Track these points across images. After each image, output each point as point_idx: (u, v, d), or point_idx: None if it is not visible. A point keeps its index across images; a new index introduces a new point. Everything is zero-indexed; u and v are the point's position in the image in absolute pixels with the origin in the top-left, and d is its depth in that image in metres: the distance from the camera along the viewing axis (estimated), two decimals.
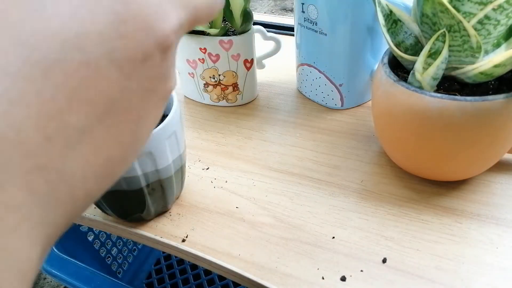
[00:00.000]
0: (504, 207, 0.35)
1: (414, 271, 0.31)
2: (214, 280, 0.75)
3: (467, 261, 0.31)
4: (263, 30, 0.49)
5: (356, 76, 0.46)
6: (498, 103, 0.29)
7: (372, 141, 0.44)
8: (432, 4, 0.29)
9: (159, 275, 0.77)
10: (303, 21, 0.45)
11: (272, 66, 0.56)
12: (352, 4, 0.41)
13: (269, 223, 0.36)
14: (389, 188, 0.38)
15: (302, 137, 0.45)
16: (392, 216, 0.35)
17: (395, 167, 0.40)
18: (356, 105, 0.49)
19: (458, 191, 0.37)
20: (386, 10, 0.35)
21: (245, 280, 0.32)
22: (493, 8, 0.28)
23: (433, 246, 0.33)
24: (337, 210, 0.36)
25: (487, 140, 0.32)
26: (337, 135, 0.45)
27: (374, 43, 0.45)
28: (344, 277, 0.31)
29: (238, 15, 0.44)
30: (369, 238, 0.34)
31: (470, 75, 0.31)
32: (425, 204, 0.36)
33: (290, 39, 0.61)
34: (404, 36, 0.35)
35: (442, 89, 0.33)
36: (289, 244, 0.34)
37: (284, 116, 0.49)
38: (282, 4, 2.31)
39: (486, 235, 0.33)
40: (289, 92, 0.53)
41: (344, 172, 0.40)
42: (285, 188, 0.39)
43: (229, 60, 0.47)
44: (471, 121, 0.30)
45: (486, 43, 0.30)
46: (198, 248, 0.34)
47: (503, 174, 0.38)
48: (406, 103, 0.32)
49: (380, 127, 0.38)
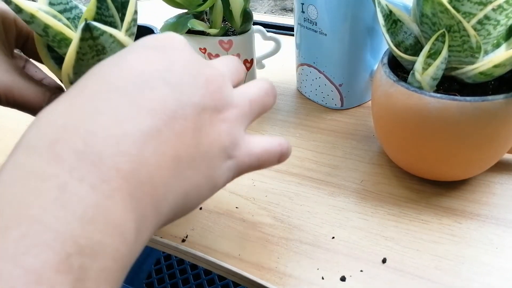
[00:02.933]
0: (504, 207, 0.35)
1: (414, 271, 0.31)
2: (214, 280, 0.75)
3: (467, 261, 0.31)
4: (263, 30, 0.49)
5: (356, 76, 0.46)
6: (498, 103, 0.29)
7: (372, 141, 0.44)
8: (432, 4, 0.29)
9: (159, 275, 0.77)
10: (303, 21, 0.45)
11: (272, 66, 0.56)
12: (352, 4, 0.41)
13: (269, 223, 0.36)
14: (389, 188, 0.38)
15: (302, 137, 0.45)
16: (392, 216, 0.35)
17: (395, 167, 0.40)
18: (356, 105, 0.49)
19: (458, 191, 0.37)
20: (386, 10, 0.35)
21: (245, 280, 0.32)
22: (493, 8, 0.28)
23: (433, 246, 0.33)
24: (337, 210, 0.36)
25: (487, 140, 0.32)
26: (337, 135, 0.45)
27: (374, 43, 0.45)
28: (344, 277, 0.31)
29: (238, 15, 0.44)
30: (369, 238, 0.34)
31: (470, 75, 0.31)
32: (425, 204, 0.36)
33: (290, 39, 0.62)
34: (404, 36, 0.35)
35: (442, 89, 0.33)
36: (289, 244, 0.34)
37: (284, 116, 0.49)
38: (282, 4, 2.31)
39: (486, 235, 0.33)
40: (289, 92, 0.53)
41: (344, 172, 0.40)
42: (285, 188, 0.39)
43: None
44: (471, 121, 0.30)
45: (486, 43, 0.30)
46: (198, 248, 0.34)
47: (503, 174, 0.38)
48: (406, 103, 0.32)
49: (380, 127, 0.38)
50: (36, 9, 0.25)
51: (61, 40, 0.27)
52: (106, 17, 0.29)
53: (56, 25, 0.26)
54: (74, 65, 0.26)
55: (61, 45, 0.27)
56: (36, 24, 0.26)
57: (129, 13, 0.27)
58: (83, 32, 0.24)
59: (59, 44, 0.27)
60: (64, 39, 0.27)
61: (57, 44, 0.27)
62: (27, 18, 0.25)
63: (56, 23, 0.26)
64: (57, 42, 0.27)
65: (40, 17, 0.25)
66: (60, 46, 0.27)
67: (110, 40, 0.25)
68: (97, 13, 0.28)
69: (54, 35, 0.26)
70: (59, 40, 0.27)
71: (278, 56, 0.53)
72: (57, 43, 0.27)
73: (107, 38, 0.25)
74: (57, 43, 0.27)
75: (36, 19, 0.25)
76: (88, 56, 0.26)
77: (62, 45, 0.27)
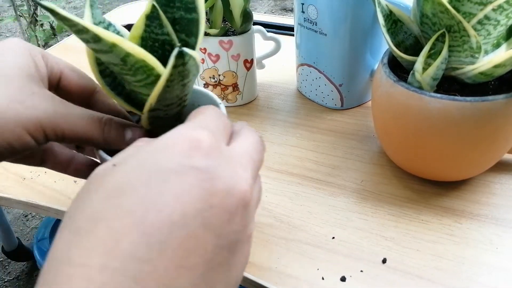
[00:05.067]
0: (504, 207, 0.35)
1: (414, 271, 0.31)
2: None
3: (467, 261, 0.31)
4: (263, 30, 0.49)
5: (356, 76, 0.46)
6: (498, 103, 0.29)
7: (372, 141, 0.44)
8: (432, 4, 0.29)
9: None
10: (303, 21, 0.45)
11: (272, 66, 0.56)
12: (352, 4, 0.41)
13: (269, 223, 0.36)
14: (389, 188, 0.38)
15: (302, 137, 0.45)
16: (392, 216, 0.35)
17: (395, 167, 0.40)
18: (356, 105, 0.49)
19: (458, 191, 0.37)
20: (386, 11, 0.35)
21: (245, 280, 0.32)
22: (493, 9, 0.28)
23: (433, 246, 0.33)
24: (337, 210, 0.36)
25: (487, 140, 0.32)
26: (337, 135, 0.45)
27: (374, 43, 0.45)
28: (344, 278, 0.31)
29: (238, 15, 0.44)
30: (369, 238, 0.34)
31: (470, 75, 0.31)
32: (425, 205, 0.36)
33: (290, 39, 0.61)
34: (404, 36, 0.35)
35: (442, 89, 0.33)
36: (289, 244, 0.34)
37: (284, 116, 0.49)
38: (282, 4, 2.31)
39: (486, 235, 0.33)
40: (289, 92, 0.53)
41: (344, 172, 0.40)
42: (285, 188, 0.39)
43: (229, 60, 0.47)
44: (471, 121, 0.30)
45: (486, 43, 0.30)
46: None
47: (503, 174, 0.38)
48: (406, 103, 0.32)
49: (380, 127, 0.38)
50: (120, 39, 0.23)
51: (139, 68, 0.24)
52: (157, 35, 0.27)
53: (139, 53, 0.23)
54: (161, 93, 0.24)
55: (138, 73, 0.25)
56: (114, 54, 0.23)
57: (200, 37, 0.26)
58: (177, 59, 0.22)
59: (135, 72, 0.25)
60: (144, 67, 0.24)
61: (133, 72, 0.25)
62: (105, 48, 0.23)
63: (139, 51, 0.23)
64: (134, 70, 0.24)
65: (124, 46, 0.23)
66: (136, 74, 0.25)
67: (192, 63, 0.24)
68: (145, 31, 0.26)
69: (134, 63, 0.24)
70: (137, 68, 0.24)
71: (278, 56, 0.53)
72: (133, 71, 0.25)
73: (192, 62, 0.24)
74: (133, 71, 0.25)
75: (117, 48, 0.23)
76: (175, 83, 0.24)
77: (139, 72, 0.25)
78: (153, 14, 0.26)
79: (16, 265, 1.01)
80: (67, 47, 0.70)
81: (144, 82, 0.25)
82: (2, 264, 1.01)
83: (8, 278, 0.98)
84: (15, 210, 1.15)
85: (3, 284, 0.96)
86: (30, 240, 1.06)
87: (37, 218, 1.13)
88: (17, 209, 1.14)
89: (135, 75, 0.25)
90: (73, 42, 0.71)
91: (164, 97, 0.25)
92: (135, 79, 0.25)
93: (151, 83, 0.25)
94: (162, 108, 0.27)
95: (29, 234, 1.09)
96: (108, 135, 0.26)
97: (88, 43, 0.23)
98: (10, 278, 0.98)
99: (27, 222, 1.13)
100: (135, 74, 0.25)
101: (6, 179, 0.42)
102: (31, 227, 1.11)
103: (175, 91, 0.25)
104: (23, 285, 0.96)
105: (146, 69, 0.24)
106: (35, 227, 1.10)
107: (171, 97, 0.26)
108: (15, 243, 0.90)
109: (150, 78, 0.25)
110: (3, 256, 1.00)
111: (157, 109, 0.26)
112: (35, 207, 0.40)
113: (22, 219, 1.13)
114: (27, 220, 1.13)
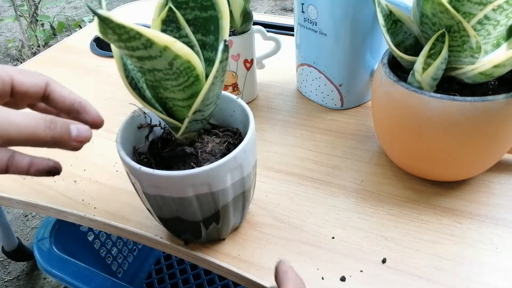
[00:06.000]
0: (504, 207, 0.35)
1: (414, 271, 0.31)
2: (214, 280, 0.75)
3: (466, 261, 0.31)
4: (263, 30, 0.49)
5: (356, 76, 0.46)
6: (498, 103, 0.29)
7: (372, 141, 0.44)
8: (432, 4, 0.29)
9: (159, 275, 0.77)
10: (303, 21, 0.45)
11: (272, 66, 0.56)
12: (352, 4, 0.41)
13: (269, 223, 0.36)
14: (389, 188, 0.38)
15: (302, 137, 0.45)
16: (392, 216, 0.35)
17: (395, 167, 0.40)
18: (356, 105, 0.49)
19: (458, 191, 0.37)
20: (386, 11, 0.35)
21: (245, 280, 0.32)
22: (493, 9, 0.28)
23: (433, 246, 0.33)
24: (337, 210, 0.36)
25: (487, 140, 0.32)
26: (337, 135, 0.45)
27: (374, 43, 0.45)
28: (344, 277, 0.31)
29: (238, 15, 0.44)
30: (369, 238, 0.34)
31: (470, 75, 0.31)
32: (424, 205, 0.36)
33: (290, 39, 0.62)
34: (404, 37, 0.35)
35: (442, 89, 0.33)
36: (289, 244, 0.34)
37: (284, 116, 0.49)
38: (282, 4, 2.31)
39: (486, 235, 0.33)
40: (289, 92, 0.53)
41: (344, 172, 0.40)
42: (285, 188, 0.39)
43: (229, 60, 0.47)
44: (471, 121, 0.30)
45: (485, 43, 0.30)
46: (198, 248, 0.34)
47: (503, 174, 0.38)
48: (406, 104, 0.32)
49: (380, 127, 0.38)
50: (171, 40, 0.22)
51: (183, 70, 0.24)
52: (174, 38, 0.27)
53: (186, 53, 0.23)
54: (207, 91, 0.24)
55: (181, 75, 0.24)
56: (164, 58, 0.23)
57: (223, 32, 0.26)
58: (223, 53, 0.22)
59: (179, 75, 0.24)
60: (187, 68, 0.24)
61: (176, 76, 0.24)
62: (154, 53, 0.22)
63: (187, 51, 0.23)
64: (178, 73, 0.24)
65: (174, 48, 0.22)
66: (179, 77, 0.25)
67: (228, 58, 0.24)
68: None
69: (179, 65, 0.24)
70: (181, 71, 0.24)
71: (278, 56, 0.53)
72: (177, 75, 0.24)
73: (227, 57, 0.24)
74: (177, 75, 0.24)
75: (167, 51, 0.22)
76: (218, 80, 0.24)
77: (182, 75, 0.24)
78: (168, 17, 0.26)
79: (16, 265, 1.01)
80: (67, 47, 0.70)
81: (184, 85, 0.25)
82: (2, 264, 1.01)
83: (8, 278, 0.98)
84: (15, 210, 1.15)
85: (3, 284, 0.96)
86: (30, 240, 1.06)
87: (37, 218, 1.13)
88: (17, 209, 1.14)
89: (178, 79, 0.25)
90: (73, 42, 0.71)
91: (207, 96, 0.25)
92: (177, 82, 0.25)
93: (189, 85, 0.25)
94: (203, 109, 0.26)
95: (29, 234, 1.09)
96: (54, 133, 0.26)
97: (134, 51, 0.22)
98: (10, 278, 0.98)
99: (27, 222, 1.12)
100: (177, 78, 0.25)
101: (6, 179, 0.42)
102: (31, 227, 1.11)
103: (216, 88, 0.24)
104: (23, 285, 0.96)
105: (188, 71, 0.24)
106: (35, 227, 1.10)
107: (212, 95, 0.25)
108: (15, 243, 0.90)
109: (189, 79, 0.25)
110: (3, 256, 1.00)
111: (198, 111, 0.26)
112: (35, 207, 0.40)
113: (22, 219, 1.13)
114: (27, 220, 1.13)
